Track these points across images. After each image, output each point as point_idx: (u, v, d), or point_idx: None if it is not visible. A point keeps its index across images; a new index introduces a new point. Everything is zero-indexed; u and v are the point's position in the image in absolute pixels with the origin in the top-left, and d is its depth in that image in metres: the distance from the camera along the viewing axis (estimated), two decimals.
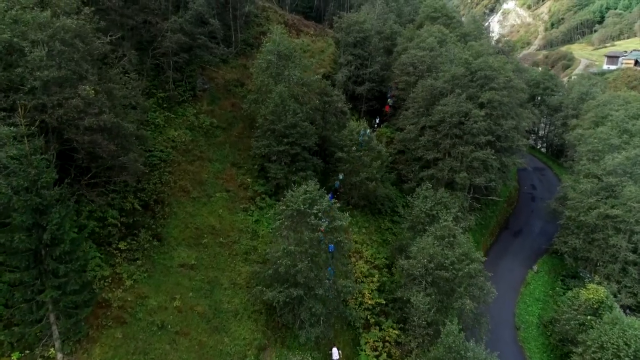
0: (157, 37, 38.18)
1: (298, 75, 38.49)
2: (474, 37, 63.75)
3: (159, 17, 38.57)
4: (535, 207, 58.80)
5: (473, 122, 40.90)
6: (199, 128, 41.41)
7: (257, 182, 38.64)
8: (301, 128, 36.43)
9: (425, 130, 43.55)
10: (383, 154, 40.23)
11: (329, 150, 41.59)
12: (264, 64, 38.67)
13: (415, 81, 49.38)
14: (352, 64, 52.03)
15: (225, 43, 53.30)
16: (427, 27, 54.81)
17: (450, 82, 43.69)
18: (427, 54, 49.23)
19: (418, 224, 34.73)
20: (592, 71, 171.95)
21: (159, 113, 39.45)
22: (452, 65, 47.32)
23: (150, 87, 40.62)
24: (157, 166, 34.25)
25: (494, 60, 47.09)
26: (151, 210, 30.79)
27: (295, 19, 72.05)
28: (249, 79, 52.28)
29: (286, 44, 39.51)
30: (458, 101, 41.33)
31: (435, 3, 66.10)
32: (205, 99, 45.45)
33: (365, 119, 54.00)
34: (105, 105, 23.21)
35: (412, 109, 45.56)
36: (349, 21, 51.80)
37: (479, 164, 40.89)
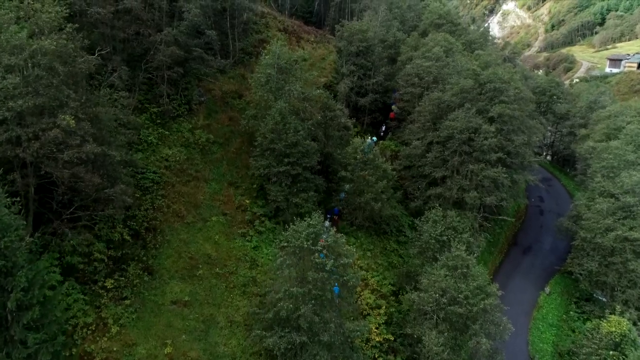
0: (149, 50, 36.00)
1: (299, 90, 36.37)
2: (479, 44, 61.75)
3: (151, 29, 36.38)
4: (544, 222, 56.77)
5: (483, 138, 38.84)
6: (195, 145, 39.25)
7: (256, 203, 36.52)
8: (303, 147, 34.32)
9: (433, 146, 41.46)
10: (389, 172, 38.12)
11: (332, 168, 39.49)
12: (263, 78, 36.55)
13: (420, 93, 47.30)
14: (354, 75, 49.93)
15: (222, 52, 51.22)
16: (433, 36, 52.76)
17: (458, 95, 41.62)
18: (433, 65, 47.17)
19: (427, 250, 32.64)
20: (594, 74, 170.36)
21: (152, 130, 37.28)
22: (459, 76, 45.30)
23: (143, 102, 38.47)
24: (150, 189, 32.08)
25: (504, 71, 45.06)
26: (142, 239, 28.64)
27: (295, 24, 69.96)
28: (247, 90, 50.15)
29: (286, 57, 37.38)
30: (467, 116, 39.26)
31: (440, 9, 64.09)
32: (202, 113, 43.30)
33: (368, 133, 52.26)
34: (89, 134, 21.06)
35: (418, 123, 43.49)
36: (352, 30, 49.71)
37: (489, 182, 38.83)
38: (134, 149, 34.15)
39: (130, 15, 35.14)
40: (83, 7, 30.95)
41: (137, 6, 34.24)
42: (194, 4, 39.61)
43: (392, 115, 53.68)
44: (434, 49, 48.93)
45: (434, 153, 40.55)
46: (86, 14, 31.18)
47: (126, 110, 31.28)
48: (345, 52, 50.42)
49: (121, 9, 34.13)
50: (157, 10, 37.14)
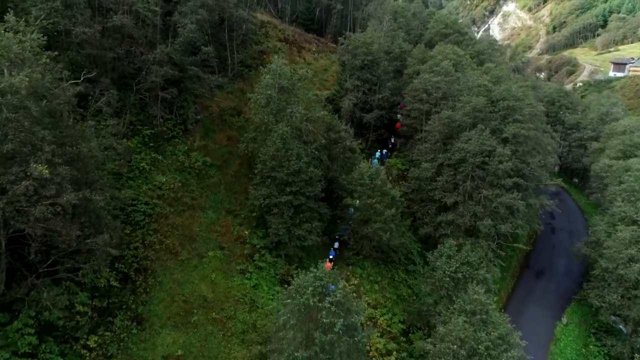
0: (141, 69, 33.56)
1: (302, 112, 33.92)
2: (488, 54, 59.33)
3: (144, 47, 33.92)
4: (556, 241, 54.39)
5: (498, 162, 36.44)
6: (191, 169, 36.79)
7: (256, 233, 34.06)
8: (306, 175, 31.89)
9: (443, 168, 39.03)
10: (397, 199, 35.70)
11: (337, 194, 37.07)
12: (262, 100, 34.08)
13: (429, 110, 44.92)
14: (359, 90, 47.48)
15: (220, 66, 48.75)
16: (440, 48, 50.30)
17: (470, 114, 39.20)
18: (442, 80, 44.74)
19: (441, 289, 30.21)
20: (598, 78, 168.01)
21: (145, 154, 34.80)
22: (470, 92, 42.89)
23: (135, 123, 35.99)
24: (141, 223, 29.60)
25: (517, 87, 42.71)
26: (131, 282, 26.16)
27: (296, 33, 67.48)
28: (246, 106, 47.65)
29: (288, 76, 34.91)
30: (481, 138, 36.84)
31: (446, 19, 61.71)
32: (198, 132, 40.83)
33: (376, 149, 49.83)
34: (67, 179, 18.59)
35: (427, 144, 41.05)
36: (356, 42, 47.26)
37: (504, 209, 36.41)
38: (124, 177, 31.77)
39: (121, 33, 32.71)
40: (67, 26, 28.47)
41: (128, 23, 31.78)
42: (189, 18, 37.18)
43: (398, 125, 51.36)
44: (442, 62, 46.50)
45: (444, 177, 38.11)
46: (70, 34, 28.70)
47: (115, 139, 28.77)
48: (349, 65, 48.00)
49: (110, 26, 31.69)
50: (150, 27, 34.67)
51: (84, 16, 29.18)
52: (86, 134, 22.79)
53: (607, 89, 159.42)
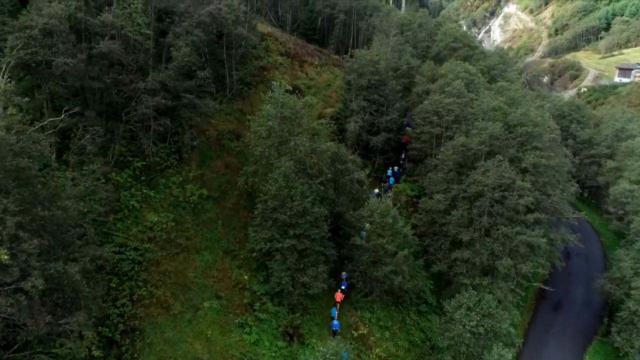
0: (131, 98, 30.71)
1: (307, 145, 31.09)
2: (500, 70, 56.56)
3: (134, 74, 31.08)
4: (572, 268, 51.56)
5: (518, 196, 33.68)
6: (186, 203, 33.96)
7: (256, 277, 31.27)
8: (311, 216, 29.10)
9: (458, 201, 36.23)
10: (410, 237, 32.92)
11: (344, 231, 34.29)
12: (263, 131, 31.24)
13: (440, 134, 42.13)
14: (365, 111, 44.65)
15: (218, 84, 45.92)
16: (451, 66, 47.43)
17: (486, 142, 36.41)
18: (454, 102, 41.92)
19: (461, 345, 27.41)
20: (603, 84, 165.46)
21: (135, 189, 31.94)
22: (485, 116, 40.12)
23: (125, 154, 33.18)
24: (129, 274, 26.78)
25: (535, 111, 39.98)
26: (117, 347, 23.36)
27: (298, 45, 64.67)
28: (246, 129, 44.89)
29: (291, 104, 32.06)
30: (499, 170, 34.05)
31: (455, 31, 58.93)
32: (194, 161, 38.00)
33: (381, 174, 47.05)
34: (34, 256, 15.77)
35: (440, 173, 38.22)
36: (362, 61, 44.37)
37: (525, 247, 33.65)
38: (111, 220, 28.93)
39: (108, 59, 29.85)
40: (47, 56, 25.62)
41: (116, 49, 28.92)
42: (183, 40, 34.32)
43: (406, 138, 48.70)
44: (454, 82, 43.68)
45: (459, 211, 35.29)
46: (50, 65, 25.85)
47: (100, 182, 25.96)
48: (355, 85, 45.14)
49: (96, 53, 28.83)
50: (141, 52, 31.80)
51: (66, 44, 26.32)
52: (63, 190, 19.91)
53: (613, 95, 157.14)
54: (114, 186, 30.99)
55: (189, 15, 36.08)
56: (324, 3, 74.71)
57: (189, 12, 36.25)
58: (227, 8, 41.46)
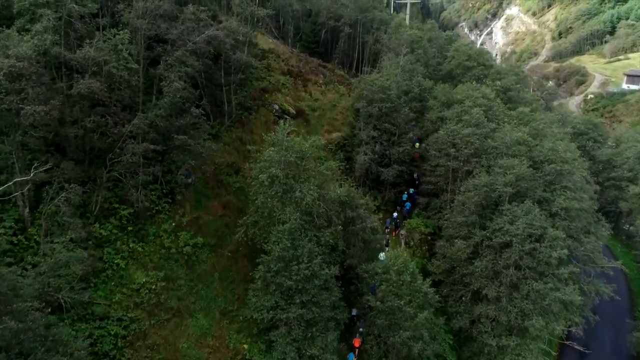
0: (116, 143, 27.10)
1: (314, 195, 27.47)
2: (516, 90, 52.96)
3: (119, 115, 27.49)
4: (597, 307, 47.89)
5: (550, 247, 30.09)
6: (178, 255, 30.42)
7: (257, 344, 27.65)
8: (320, 279, 25.52)
9: (482, 249, 32.65)
10: (430, 296, 29.32)
11: (355, 286, 30.70)
12: (265, 180, 27.59)
13: (458, 168, 38.55)
14: (376, 141, 41.03)
15: (215, 110, 42.39)
16: (468, 91, 43.72)
17: (512, 184, 32.81)
18: (472, 132, 38.31)
19: None
20: (610, 90, 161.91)
21: (121, 243, 28.35)
22: (508, 150, 36.56)
23: (111, 200, 29.58)
24: (110, 354, 23.18)
25: (564, 146, 36.43)
26: None
27: (301, 61, 61.04)
28: (246, 161, 41.36)
29: (296, 148, 28.38)
30: (529, 219, 30.46)
31: (469, 49, 55.27)
32: (188, 202, 34.43)
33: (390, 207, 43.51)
34: None
35: (460, 216, 34.60)
36: (372, 88, 40.67)
37: (558, 305, 30.08)
38: (92, 285, 25.33)
39: (89, 100, 26.26)
40: (15, 104, 22.00)
41: (97, 88, 25.31)
42: (176, 71, 30.72)
43: (417, 155, 45.30)
44: (472, 110, 40.07)
45: (484, 262, 31.70)
46: (19, 113, 22.25)
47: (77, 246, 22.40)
48: (364, 113, 41.50)
49: (75, 93, 25.23)
50: (128, 89, 28.17)
51: (37, 89, 22.70)
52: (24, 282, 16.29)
53: (621, 103, 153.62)
54: (96, 241, 27.60)
55: (182, 43, 32.49)
56: (328, 15, 71.05)
57: (183, 39, 32.65)
58: (225, 31, 38.00)
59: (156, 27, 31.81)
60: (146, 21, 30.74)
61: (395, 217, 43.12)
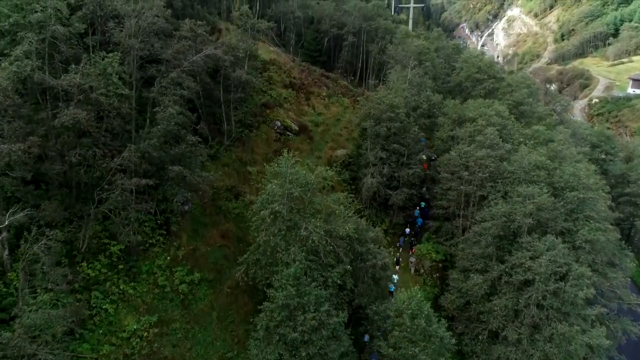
0: (103, 178, 24.74)
1: (321, 233, 25.13)
2: (529, 105, 50.60)
3: (107, 146, 25.16)
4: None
5: (575, 285, 27.76)
6: (173, 294, 28.22)
7: None
8: (328, 329, 23.20)
9: (500, 285, 30.32)
10: (447, 341, 26.95)
11: (364, 328, 28.37)
12: (268, 217, 25.23)
13: (472, 192, 36.21)
14: (384, 162, 38.69)
15: (214, 127, 40.19)
16: (481, 108, 41.31)
17: (533, 214, 30.49)
18: (486, 155, 35.94)
19: None
20: (615, 95, 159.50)
21: (111, 284, 26.12)
22: (526, 175, 34.23)
23: (100, 235, 27.31)
24: None
25: (586, 171, 34.13)
26: None
27: (303, 72, 58.88)
28: (246, 184, 39.09)
29: (301, 181, 25.99)
30: (553, 255, 28.13)
31: (479, 61, 52.83)
32: (185, 231, 32.20)
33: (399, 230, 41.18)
34: None
35: (476, 247, 32.25)
36: (381, 107, 38.24)
37: (585, 348, 27.76)
38: (76, 336, 23.03)
39: (75, 131, 23.93)
40: None
41: (83, 118, 22.98)
42: (171, 94, 28.41)
43: (425, 166, 43.10)
44: (486, 130, 37.71)
45: (503, 300, 29.36)
46: None
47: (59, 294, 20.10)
48: (371, 133, 39.14)
49: (58, 124, 22.90)
50: (119, 116, 25.83)
51: (13, 124, 20.40)
52: None
53: (627, 108, 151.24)
54: (83, 283, 25.32)
55: (178, 63, 30.19)
56: (331, 22, 68.80)
57: (178, 59, 30.35)
58: (224, 47, 35.73)
59: (150, 45, 29.53)
60: (139, 40, 28.48)
61: (407, 232, 41.16)
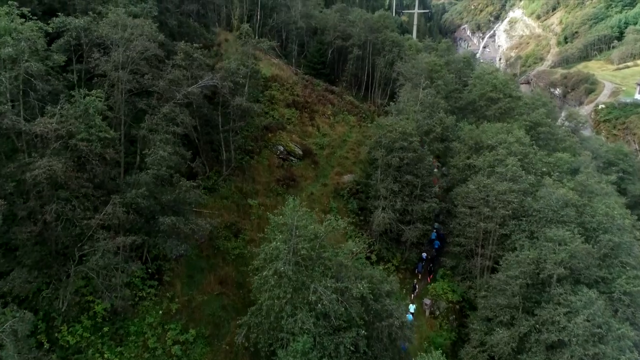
0: (84, 234, 21.66)
1: (333, 296, 22.06)
2: (546, 126, 47.52)
3: (89, 199, 22.07)
4: None
5: (618, 349, 24.74)
6: (166, 356, 25.08)
7: None
8: None
9: (530, 343, 27.26)
10: None
11: None
12: (271, 277, 22.12)
13: (493, 230, 33.17)
14: (397, 195, 35.61)
15: (212, 153, 37.21)
16: (499, 134, 38.18)
17: (565, 263, 27.44)
18: (508, 189, 32.83)
19: None
20: (623, 101, 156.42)
21: (94, 351, 23.09)
22: (555, 215, 31.18)
23: (84, 292, 24.28)
24: None
25: (619, 209, 31.08)
26: None
27: (307, 88, 55.77)
28: (246, 219, 36.02)
29: (309, 235, 22.82)
30: (591, 313, 25.08)
31: (493, 78, 49.71)
32: (179, 279, 29.21)
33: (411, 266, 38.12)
34: None
35: (502, 297, 29.16)
36: (392, 135, 35.07)
37: None
38: None
39: (51, 184, 20.83)
40: None
41: (59, 170, 19.89)
42: (162, 132, 25.32)
43: (435, 180, 40.12)
44: (508, 160, 34.64)
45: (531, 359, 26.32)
46: None
47: None
48: (383, 163, 36.04)
49: (30, 179, 19.79)
50: (103, 163, 22.72)
51: None
52: None
53: (635, 115, 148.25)
54: (62, 352, 22.29)
55: (171, 96, 27.10)
56: (335, 34, 65.67)
57: (171, 91, 27.26)
58: (223, 72, 32.66)
59: (139, 76, 26.40)
60: (127, 71, 25.42)
61: (424, 257, 38.42)
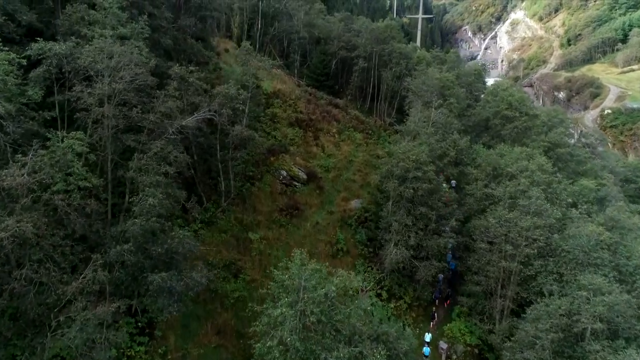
0: (60, 301, 18.78)
1: None
2: (564, 146, 44.74)
3: (67, 258, 19.20)
4: None
5: None
6: None
7: None
8: None
9: None
10: None
11: None
12: (275, 348, 19.24)
13: (515, 270, 30.34)
14: (410, 230, 32.75)
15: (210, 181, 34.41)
16: (518, 159, 35.42)
17: (604, 316, 24.59)
18: (534, 225, 29.98)
19: None
20: (629, 106, 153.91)
21: None
22: (587, 258, 28.35)
23: (61, 354, 21.37)
24: None
25: None
26: None
27: (311, 103, 52.87)
28: (247, 254, 33.17)
29: (318, 298, 19.92)
30: None
31: (509, 95, 46.84)
32: (173, 330, 26.36)
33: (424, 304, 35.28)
34: None
35: (531, 352, 26.25)
36: (406, 164, 32.14)
37: None
38: None
39: (20, 244, 17.91)
40: None
41: (29, 231, 17.02)
42: (153, 174, 22.45)
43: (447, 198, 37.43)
44: (531, 192, 31.81)
45: None
46: None
47: None
48: (395, 194, 33.16)
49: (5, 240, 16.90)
50: (83, 216, 19.83)
51: None
52: None
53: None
54: None
55: (163, 130, 24.22)
56: (339, 44, 62.79)
57: (163, 125, 24.38)
58: (221, 97, 29.78)
59: (127, 109, 23.50)
60: (113, 104, 22.56)
61: (441, 279, 35.82)
